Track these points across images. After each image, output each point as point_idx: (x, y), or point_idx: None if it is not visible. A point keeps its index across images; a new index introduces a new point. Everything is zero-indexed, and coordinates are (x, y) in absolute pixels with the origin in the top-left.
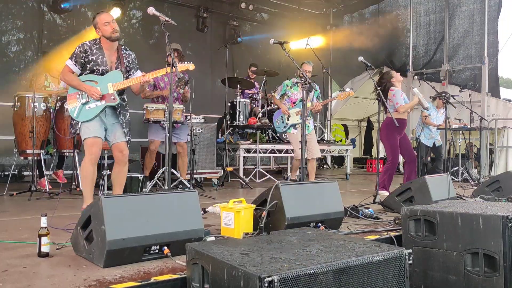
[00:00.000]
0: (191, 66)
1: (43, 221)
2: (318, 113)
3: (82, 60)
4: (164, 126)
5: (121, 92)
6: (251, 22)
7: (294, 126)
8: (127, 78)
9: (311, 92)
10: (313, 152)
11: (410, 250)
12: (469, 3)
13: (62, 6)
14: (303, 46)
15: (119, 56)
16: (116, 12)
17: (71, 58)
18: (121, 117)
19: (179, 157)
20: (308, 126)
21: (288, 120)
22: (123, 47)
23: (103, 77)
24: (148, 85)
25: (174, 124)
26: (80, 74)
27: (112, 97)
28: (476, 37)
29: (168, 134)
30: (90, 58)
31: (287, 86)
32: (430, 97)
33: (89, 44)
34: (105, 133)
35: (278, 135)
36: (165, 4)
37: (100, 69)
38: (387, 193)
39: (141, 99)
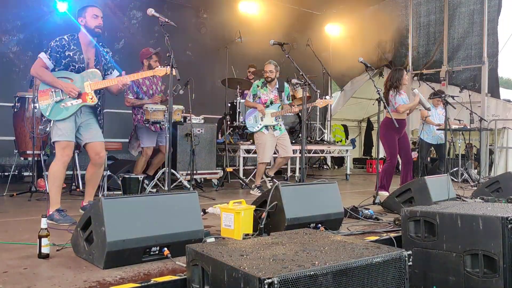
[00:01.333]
0: (166, 71)
1: (43, 223)
2: (317, 114)
3: (58, 55)
4: (153, 129)
5: (99, 92)
6: (251, 22)
7: (266, 127)
8: (104, 77)
9: (282, 91)
10: (287, 151)
11: (410, 252)
12: (469, 4)
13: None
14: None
15: (97, 53)
16: None
17: (45, 52)
18: (100, 117)
19: (158, 155)
20: (280, 128)
21: (262, 120)
22: (100, 44)
23: (80, 75)
24: (132, 92)
25: (160, 126)
26: (53, 70)
27: (90, 97)
28: (476, 38)
29: (168, 136)
30: (66, 53)
31: (258, 86)
32: (429, 98)
33: (67, 39)
34: (76, 132)
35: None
36: (164, 5)
37: (76, 66)
38: (387, 194)
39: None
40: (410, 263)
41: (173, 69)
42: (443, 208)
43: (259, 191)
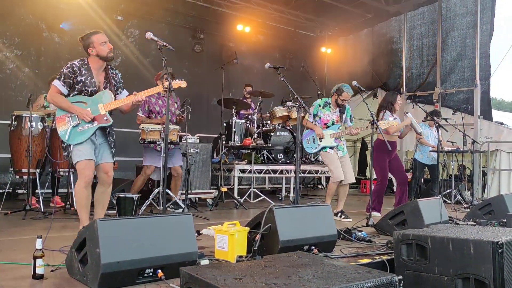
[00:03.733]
0: (183, 84)
1: (38, 243)
2: None
3: (71, 81)
4: (158, 149)
5: (110, 112)
6: (247, 44)
7: (330, 147)
8: (115, 97)
9: (343, 113)
10: (347, 176)
11: (401, 277)
12: (462, 28)
13: (61, 26)
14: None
15: (107, 75)
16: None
17: (59, 79)
18: (109, 137)
19: (173, 180)
20: (342, 149)
21: (320, 141)
22: (109, 66)
23: (93, 98)
24: (143, 111)
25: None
26: (67, 95)
27: (105, 118)
28: (468, 61)
29: (164, 155)
30: (79, 79)
31: (319, 106)
32: (422, 120)
33: (78, 65)
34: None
35: (280, 155)
36: (162, 24)
37: (89, 90)
38: (379, 215)
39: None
40: (401, 287)
41: (171, 92)
42: (434, 232)
43: (345, 217)
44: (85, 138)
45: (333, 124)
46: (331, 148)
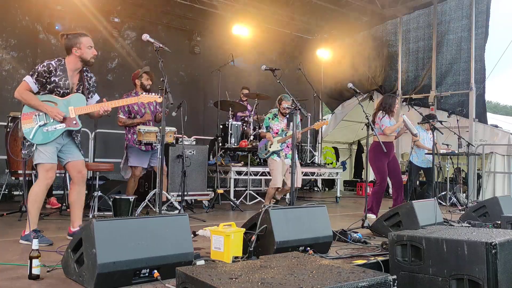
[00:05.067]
0: (159, 99)
1: (35, 244)
2: (308, 136)
3: (44, 80)
4: (143, 149)
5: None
6: (244, 46)
7: (277, 153)
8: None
9: (291, 121)
10: (297, 181)
11: (395, 276)
12: (457, 31)
13: (57, 28)
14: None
15: (81, 78)
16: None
17: (31, 75)
18: (76, 138)
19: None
20: (290, 157)
21: (270, 147)
22: (85, 68)
23: (64, 100)
24: (123, 112)
25: (151, 147)
26: (37, 93)
27: (74, 122)
28: (463, 64)
29: (159, 157)
30: (52, 79)
31: (269, 118)
32: (418, 123)
33: (54, 65)
34: (57, 153)
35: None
36: (159, 27)
37: (61, 92)
38: (374, 217)
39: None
40: (395, 287)
41: (167, 93)
42: (429, 233)
43: None
44: (50, 139)
45: (282, 131)
46: (278, 156)
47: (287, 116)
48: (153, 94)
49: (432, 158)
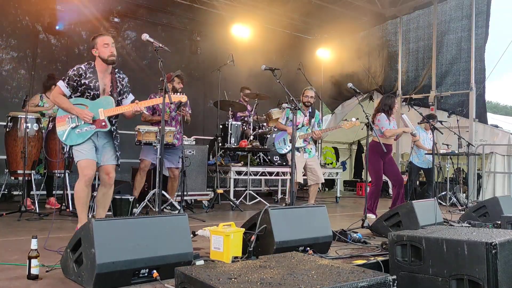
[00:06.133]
0: (184, 98)
1: (33, 243)
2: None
3: (75, 84)
4: (156, 148)
5: (115, 116)
6: (244, 46)
7: (297, 149)
8: (119, 102)
9: (312, 118)
10: (318, 177)
11: (395, 276)
12: (457, 31)
13: (57, 28)
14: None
15: (112, 79)
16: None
17: (63, 80)
18: (115, 140)
19: (169, 181)
20: (310, 151)
21: (290, 142)
22: (116, 70)
23: (94, 102)
24: (147, 108)
25: (166, 146)
26: (70, 97)
27: (103, 123)
28: (463, 64)
29: (159, 156)
30: (83, 81)
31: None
32: (418, 123)
33: (84, 68)
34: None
35: (276, 157)
36: (159, 27)
37: (92, 93)
38: (374, 217)
39: (134, 120)
40: (395, 287)
41: (166, 93)
42: (429, 233)
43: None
44: (82, 141)
45: (303, 126)
46: (298, 150)
47: (310, 111)
48: (179, 94)
49: (432, 158)
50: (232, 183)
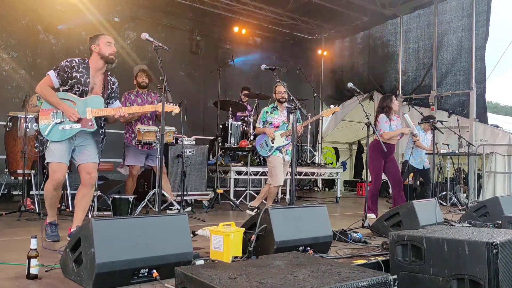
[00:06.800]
0: (176, 109)
1: (33, 243)
2: (308, 136)
3: (65, 75)
4: (140, 148)
5: (103, 118)
6: (244, 46)
7: (279, 149)
8: (107, 105)
9: (291, 114)
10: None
11: (395, 276)
12: (457, 31)
13: (58, 27)
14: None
15: (104, 80)
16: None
17: (54, 70)
18: (96, 136)
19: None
20: (290, 153)
21: (273, 143)
22: (108, 73)
23: (83, 100)
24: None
25: (149, 146)
26: (57, 90)
27: (90, 123)
28: (464, 64)
29: (159, 156)
30: (74, 75)
31: (267, 112)
32: (418, 123)
33: (77, 62)
34: (71, 154)
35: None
36: (159, 27)
37: (81, 89)
38: (375, 217)
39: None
40: (396, 287)
41: (166, 92)
42: (429, 233)
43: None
44: (64, 137)
45: (283, 124)
46: (280, 151)
47: (287, 108)
48: (172, 104)
49: (426, 159)
50: (232, 183)
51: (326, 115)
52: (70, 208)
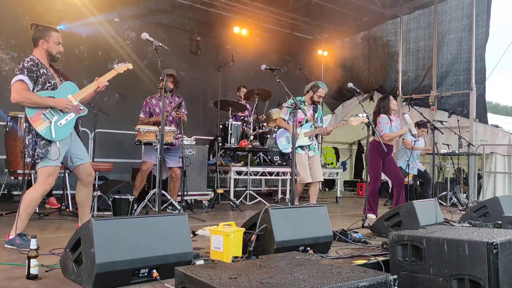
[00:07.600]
0: (129, 65)
1: (33, 243)
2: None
3: (34, 75)
4: (157, 148)
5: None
6: (244, 46)
7: (301, 147)
8: None
9: (316, 112)
10: (316, 175)
11: (395, 276)
12: (457, 31)
13: (58, 27)
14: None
15: (55, 71)
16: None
17: (23, 73)
18: (78, 131)
19: (171, 181)
20: (314, 148)
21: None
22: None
23: (58, 91)
24: (144, 112)
25: (166, 147)
26: (32, 91)
27: (80, 108)
28: (464, 64)
29: (159, 156)
30: (41, 71)
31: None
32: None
33: (34, 59)
34: (67, 155)
35: (276, 157)
36: (159, 27)
37: (52, 83)
38: (375, 217)
39: (137, 119)
40: (396, 287)
41: (166, 92)
42: (430, 233)
43: None
44: (70, 129)
45: (306, 122)
46: (303, 149)
47: (314, 106)
48: (122, 64)
49: (419, 162)
50: (232, 183)
51: (355, 123)
52: (71, 208)
